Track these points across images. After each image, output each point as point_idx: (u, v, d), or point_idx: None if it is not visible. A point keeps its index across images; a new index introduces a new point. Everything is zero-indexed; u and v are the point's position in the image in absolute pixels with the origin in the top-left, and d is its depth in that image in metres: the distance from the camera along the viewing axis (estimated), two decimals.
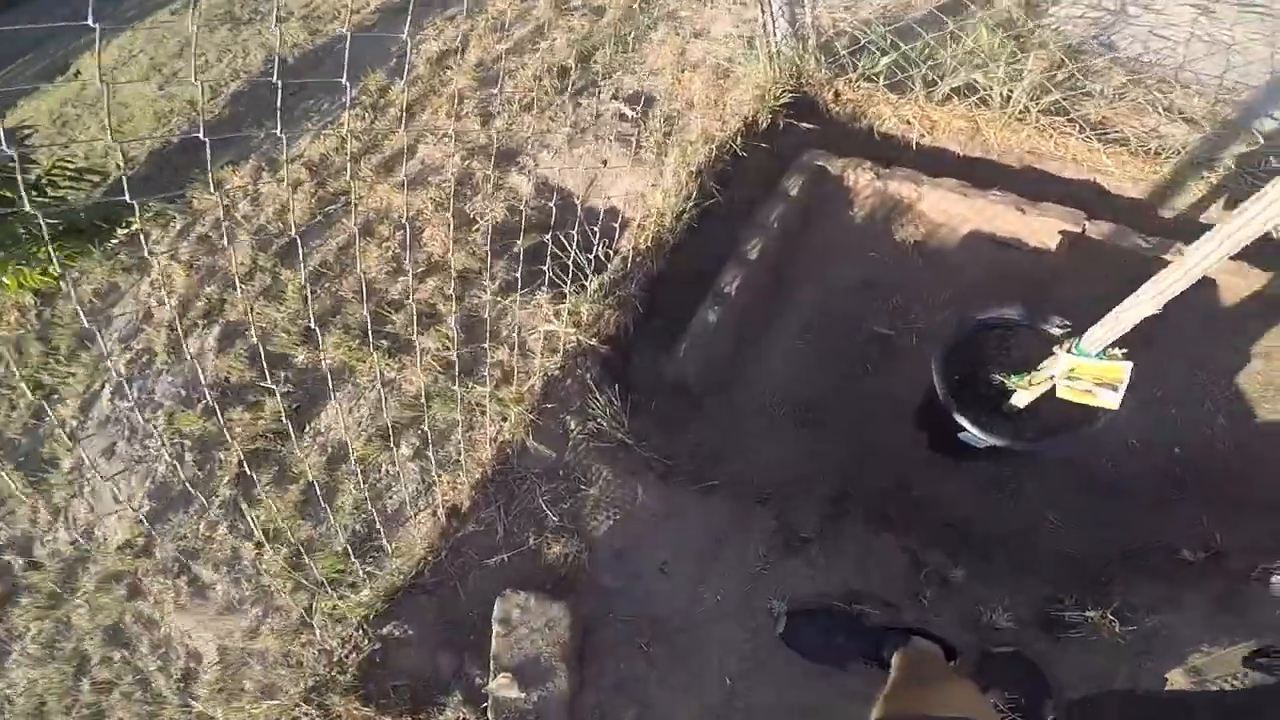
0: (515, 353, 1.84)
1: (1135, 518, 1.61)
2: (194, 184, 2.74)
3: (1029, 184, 1.95)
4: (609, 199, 2.19)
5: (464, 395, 1.74)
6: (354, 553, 1.68)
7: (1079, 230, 1.81)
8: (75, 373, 2.40)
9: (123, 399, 2.26)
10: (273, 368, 2.11)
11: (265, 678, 1.72)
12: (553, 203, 1.65)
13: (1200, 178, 1.81)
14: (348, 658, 1.58)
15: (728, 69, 2.26)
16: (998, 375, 1.48)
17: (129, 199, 0.75)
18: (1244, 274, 1.69)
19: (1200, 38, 1.91)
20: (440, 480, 1.73)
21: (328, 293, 2.23)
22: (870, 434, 1.82)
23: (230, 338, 2.26)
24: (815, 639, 1.42)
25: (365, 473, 1.87)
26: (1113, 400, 1.26)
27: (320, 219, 2.43)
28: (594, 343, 1.83)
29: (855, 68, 2.06)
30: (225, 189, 2.66)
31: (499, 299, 2.00)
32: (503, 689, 1.42)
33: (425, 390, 1.83)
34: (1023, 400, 1.45)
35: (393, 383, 1.99)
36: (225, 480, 2.01)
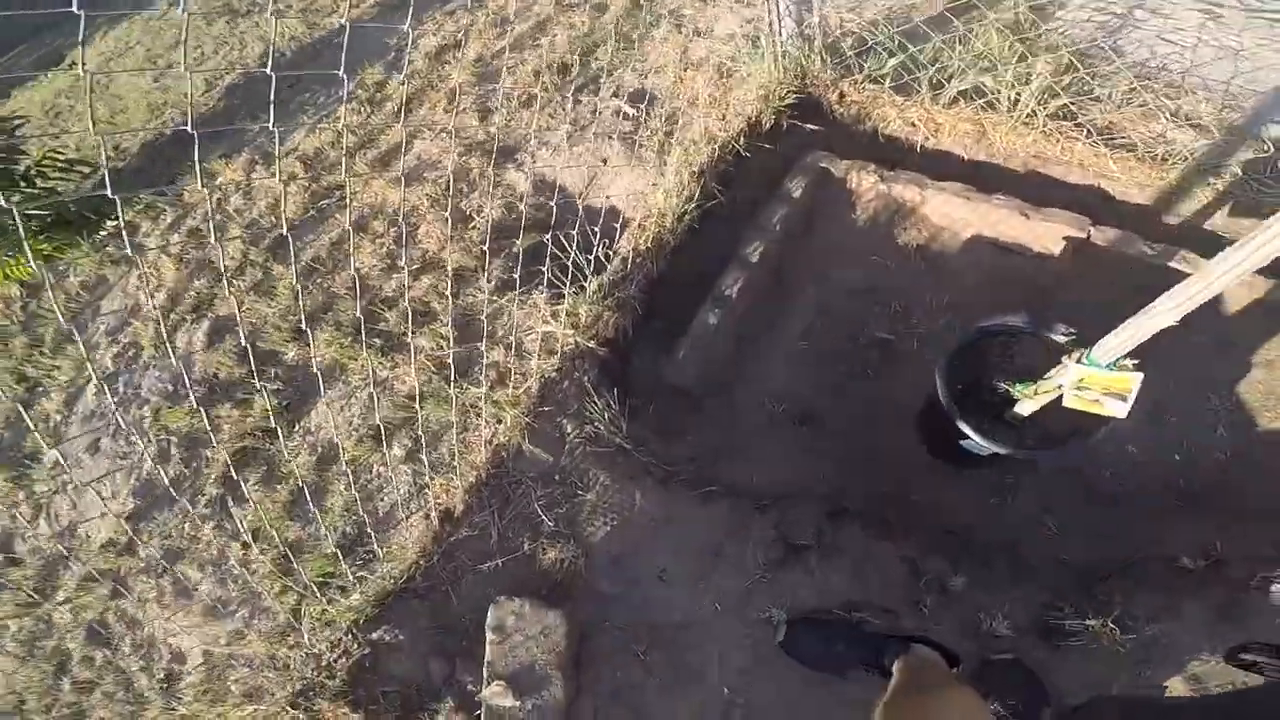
0: (511, 354, 1.81)
1: (1135, 526, 1.60)
2: (185, 176, 2.70)
3: (1033, 189, 1.94)
4: (609, 198, 2.16)
5: (458, 396, 1.70)
6: (344, 555, 1.65)
7: (1083, 236, 1.79)
8: (60, 365, 2.35)
9: (108, 394, 2.22)
10: (262, 364, 2.07)
11: (251, 680, 1.68)
12: (553, 201, 1.62)
13: (1207, 184, 1.80)
14: (336, 662, 1.56)
15: (731, 68, 2.23)
16: (1002, 383, 1.46)
17: (109, 194, 0.72)
18: (1246, 282, 1.68)
19: (1208, 42, 1.90)
20: (433, 483, 1.70)
21: (320, 289, 2.19)
22: (870, 439, 1.80)
23: (220, 333, 2.22)
24: (815, 647, 1.41)
25: (356, 474, 1.84)
26: (1121, 410, 1.24)
27: (314, 214, 2.39)
28: (592, 345, 1.80)
29: (861, 69, 2.04)
30: (218, 182, 2.62)
31: (495, 298, 1.97)
32: (496, 697, 1.40)
33: (418, 390, 1.80)
34: (1027, 409, 1.43)
35: (385, 382, 1.95)
36: (212, 478, 1.97)
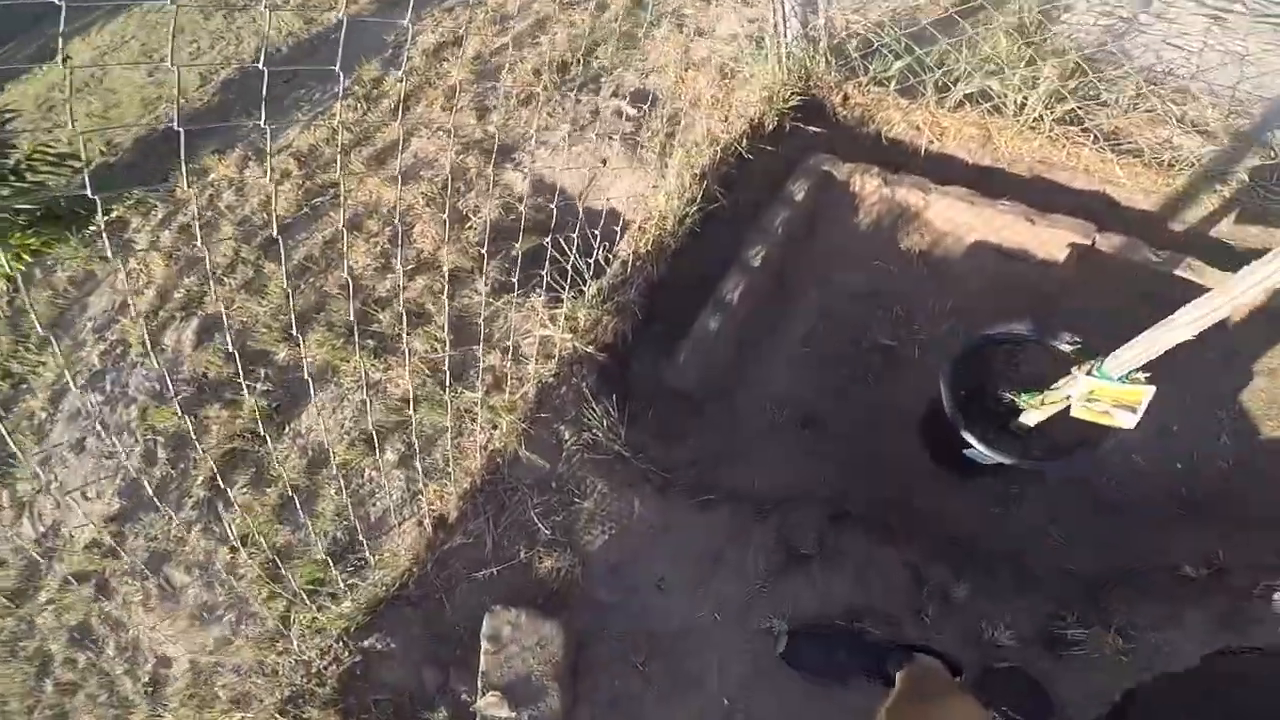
0: (508, 358, 1.77)
1: (1138, 535, 1.59)
2: (177, 172, 2.66)
3: (1038, 194, 1.92)
4: (608, 200, 2.13)
5: (453, 400, 1.67)
6: (334, 562, 1.61)
7: (1089, 242, 1.77)
8: (46, 362, 2.31)
9: (94, 392, 2.17)
10: (253, 365, 2.04)
11: (239, 686, 1.65)
12: (553, 204, 1.59)
13: (1214, 191, 1.78)
14: (327, 669, 1.53)
15: (734, 69, 2.21)
16: (1008, 393, 1.44)
17: (90, 194, 0.69)
18: None
19: (1213, 47, 1.88)
20: (426, 489, 1.66)
21: (312, 288, 2.16)
22: (873, 444, 1.78)
23: (209, 331, 2.17)
24: (816, 656, 1.40)
25: (347, 478, 1.80)
26: (1130, 422, 1.22)
27: (307, 211, 2.36)
28: (591, 350, 1.77)
29: (866, 71, 2.02)
30: (210, 178, 2.58)
31: (492, 301, 1.93)
32: (491, 708, 1.37)
33: (412, 394, 1.76)
34: (1033, 419, 1.41)
35: (378, 385, 1.92)
36: (200, 480, 1.93)
